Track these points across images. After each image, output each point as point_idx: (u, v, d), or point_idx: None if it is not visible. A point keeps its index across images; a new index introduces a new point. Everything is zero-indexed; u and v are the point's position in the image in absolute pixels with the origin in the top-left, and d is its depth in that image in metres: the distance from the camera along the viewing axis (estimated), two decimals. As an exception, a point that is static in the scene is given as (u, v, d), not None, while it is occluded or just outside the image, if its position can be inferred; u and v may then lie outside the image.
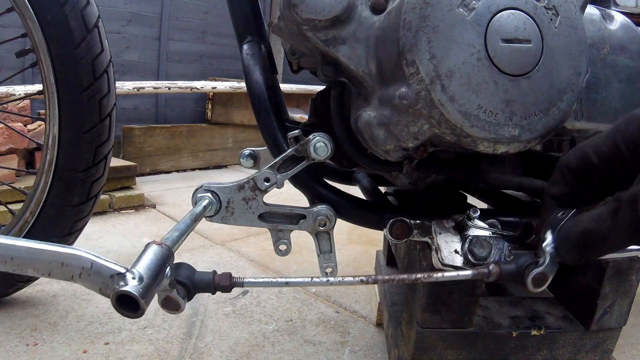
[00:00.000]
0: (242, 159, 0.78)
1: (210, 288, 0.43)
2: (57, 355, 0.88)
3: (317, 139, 0.56)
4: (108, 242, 1.53)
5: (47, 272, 0.39)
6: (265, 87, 0.64)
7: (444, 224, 0.57)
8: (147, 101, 3.45)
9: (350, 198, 0.64)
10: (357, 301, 1.18)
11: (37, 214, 0.93)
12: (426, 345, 0.67)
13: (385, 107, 0.50)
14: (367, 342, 0.99)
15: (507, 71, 0.46)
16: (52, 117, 0.88)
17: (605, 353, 0.70)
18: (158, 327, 0.99)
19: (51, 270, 0.39)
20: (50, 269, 0.39)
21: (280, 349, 0.94)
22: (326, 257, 0.64)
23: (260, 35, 0.71)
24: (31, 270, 0.40)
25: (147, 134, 2.76)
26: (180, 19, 3.56)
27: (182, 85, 2.66)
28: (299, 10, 0.50)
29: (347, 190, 0.68)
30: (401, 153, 0.54)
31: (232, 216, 0.60)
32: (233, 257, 1.44)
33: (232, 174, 2.98)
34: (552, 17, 0.47)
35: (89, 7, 0.86)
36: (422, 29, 0.45)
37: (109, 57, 0.91)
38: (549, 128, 0.48)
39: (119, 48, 3.21)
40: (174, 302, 0.41)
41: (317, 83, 2.85)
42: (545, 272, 0.45)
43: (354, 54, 0.52)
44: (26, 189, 1.12)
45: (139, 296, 0.35)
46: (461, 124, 0.46)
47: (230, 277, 0.43)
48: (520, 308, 0.73)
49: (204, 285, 0.43)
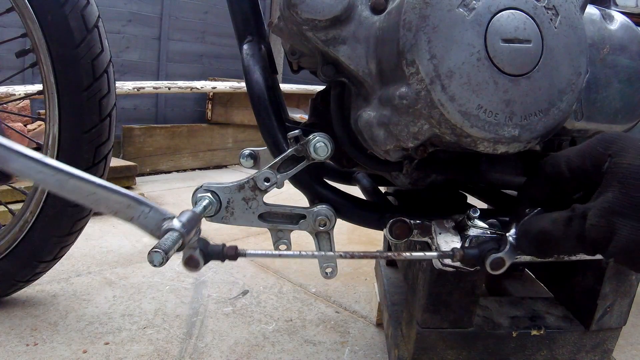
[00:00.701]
0: (242, 159, 0.78)
1: (220, 256, 0.51)
2: (57, 355, 0.88)
3: (317, 139, 0.56)
4: (108, 242, 1.53)
5: (114, 211, 0.49)
6: (265, 87, 0.64)
7: (444, 224, 0.57)
8: (147, 101, 3.45)
9: (350, 198, 0.64)
10: (357, 301, 1.18)
11: (37, 214, 0.93)
12: (426, 345, 0.67)
13: (385, 107, 0.50)
14: (367, 342, 0.99)
15: (507, 71, 0.46)
16: (52, 117, 0.88)
17: (605, 353, 0.71)
18: (158, 327, 0.99)
19: (118, 210, 0.49)
20: (118, 209, 0.48)
21: (280, 349, 0.94)
22: (326, 257, 0.64)
23: (260, 35, 0.71)
24: (103, 207, 0.49)
25: (147, 134, 2.76)
26: (180, 19, 3.56)
27: (182, 85, 2.66)
28: (299, 10, 0.50)
29: (347, 190, 0.68)
30: (401, 153, 0.54)
31: (232, 216, 0.60)
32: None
33: (232, 174, 2.99)
34: (552, 17, 0.47)
35: (89, 7, 0.86)
36: (422, 29, 0.45)
37: (109, 57, 0.91)
38: (549, 128, 0.48)
39: (119, 48, 3.21)
40: (195, 260, 0.50)
41: (317, 83, 2.85)
42: (503, 257, 0.49)
43: (354, 54, 0.52)
44: (26, 189, 1.12)
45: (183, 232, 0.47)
46: (461, 124, 0.46)
47: (235, 249, 0.51)
48: (520, 308, 0.73)
49: (216, 253, 0.51)
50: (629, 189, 0.39)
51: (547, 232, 0.45)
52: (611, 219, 0.39)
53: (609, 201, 0.40)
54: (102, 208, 0.49)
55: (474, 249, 0.52)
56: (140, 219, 0.49)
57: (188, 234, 0.47)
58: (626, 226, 0.38)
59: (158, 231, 0.48)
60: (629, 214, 0.38)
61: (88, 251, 1.43)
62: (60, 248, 0.98)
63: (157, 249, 0.43)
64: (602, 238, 0.40)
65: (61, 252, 0.99)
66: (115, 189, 0.49)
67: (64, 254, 1.01)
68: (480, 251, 0.51)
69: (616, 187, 0.40)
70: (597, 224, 0.40)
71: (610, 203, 0.39)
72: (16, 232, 0.95)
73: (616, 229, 0.38)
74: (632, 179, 0.39)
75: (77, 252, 1.39)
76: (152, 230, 0.49)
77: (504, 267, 0.50)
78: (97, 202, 0.49)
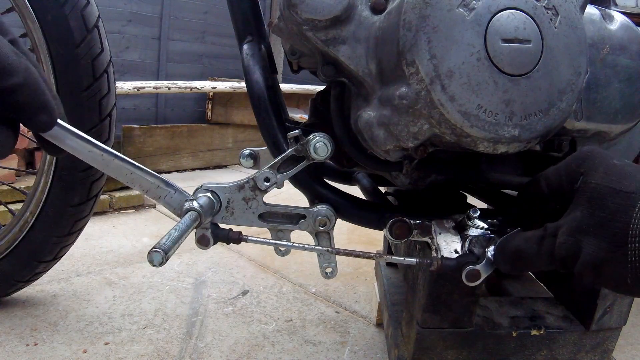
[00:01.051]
0: (242, 159, 0.78)
1: (225, 239, 0.57)
2: (57, 355, 0.88)
3: (317, 139, 0.56)
4: (108, 242, 1.53)
5: (146, 189, 0.57)
6: (265, 87, 0.64)
7: (444, 224, 0.57)
8: (147, 101, 3.45)
9: (350, 198, 0.64)
10: (357, 301, 1.18)
11: (37, 214, 0.93)
12: (426, 345, 0.67)
13: (385, 107, 0.50)
14: (367, 342, 0.99)
15: (507, 71, 0.46)
16: (52, 117, 0.88)
17: (605, 353, 0.70)
18: (158, 327, 1.00)
19: (149, 189, 0.57)
20: (149, 188, 0.57)
21: (280, 349, 0.94)
22: (326, 257, 0.64)
23: (260, 35, 0.71)
24: (137, 186, 0.57)
25: (147, 134, 2.76)
26: (180, 19, 3.56)
27: (182, 85, 2.66)
28: (299, 10, 0.50)
29: (347, 190, 0.68)
30: (401, 153, 0.54)
31: (232, 216, 0.60)
32: (233, 257, 1.44)
33: (232, 174, 2.99)
34: (552, 17, 0.47)
35: (89, 7, 0.86)
36: (422, 29, 0.45)
37: (109, 57, 0.91)
38: (549, 128, 0.48)
39: (119, 48, 3.21)
40: (206, 239, 0.57)
41: (317, 83, 2.85)
42: (479, 270, 0.51)
43: (354, 54, 0.52)
44: (26, 189, 1.12)
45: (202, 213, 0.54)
46: (461, 124, 0.46)
47: (240, 233, 0.58)
48: (520, 308, 0.73)
49: (223, 236, 0.57)
50: (594, 209, 0.40)
51: (521, 250, 0.47)
52: (578, 237, 0.40)
53: (576, 220, 0.41)
54: (136, 186, 0.57)
55: (452, 260, 0.53)
56: (166, 198, 0.57)
57: (205, 215, 0.54)
58: (590, 244, 0.39)
59: (180, 210, 0.56)
60: (593, 232, 0.40)
61: (88, 251, 1.43)
62: (60, 248, 0.98)
63: (156, 249, 0.43)
64: (570, 256, 0.41)
65: (61, 252, 0.99)
66: (149, 172, 0.57)
67: (64, 254, 1.01)
68: (458, 262, 0.52)
69: (584, 205, 0.41)
70: (565, 242, 0.41)
71: (577, 222, 0.41)
72: (16, 232, 0.95)
73: (582, 247, 0.40)
74: (597, 198, 0.40)
75: (77, 252, 1.39)
76: (175, 209, 0.57)
77: (479, 280, 0.51)
78: (133, 181, 0.57)
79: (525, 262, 0.47)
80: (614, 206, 0.39)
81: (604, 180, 0.41)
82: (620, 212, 0.38)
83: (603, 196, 0.40)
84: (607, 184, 0.41)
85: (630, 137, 0.65)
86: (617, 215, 0.39)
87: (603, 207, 0.40)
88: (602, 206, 0.40)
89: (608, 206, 0.39)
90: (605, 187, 0.40)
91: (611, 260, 0.38)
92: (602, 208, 0.40)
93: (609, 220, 0.39)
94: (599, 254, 0.39)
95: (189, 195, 0.57)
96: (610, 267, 0.38)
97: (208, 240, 0.58)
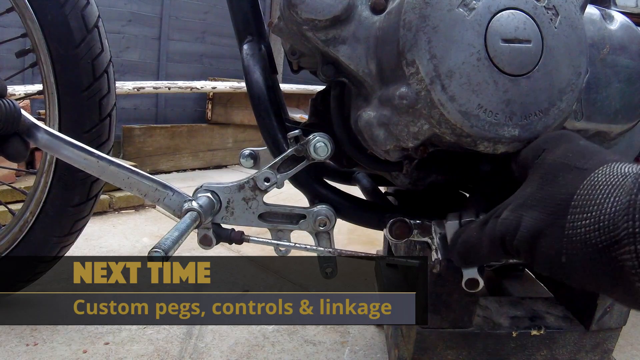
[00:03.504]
0: (242, 159, 0.78)
1: (228, 239, 0.58)
2: (57, 355, 0.88)
3: (317, 139, 0.56)
4: (108, 242, 1.53)
5: (144, 193, 0.57)
6: (265, 87, 0.64)
7: (444, 224, 0.57)
8: (147, 101, 3.45)
9: (350, 198, 0.64)
10: (357, 301, 1.18)
11: (37, 214, 0.92)
12: (426, 345, 0.67)
13: (385, 107, 0.50)
14: (367, 342, 0.99)
15: (507, 71, 0.46)
16: (52, 117, 0.88)
17: (605, 353, 0.70)
18: (158, 327, 0.99)
19: (147, 192, 0.57)
20: (147, 191, 0.57)
21: (280, 349, 0.94)
22: (326, 257, 0.64)
23: (260, 35, 0.71)
24: (135, 190, 0.57)
25: (147, 134, 2.76)
26: (180, 19, 3.55)
27: (182, 85, 2.66)
28: (299, 10, 0.50)
29: (347, 190, 0.68)
30: (401, 153, 0.54)
31: (232, 216, 0.60)
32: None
33: (232, 174, 2.98)
34: (552, 17, 0.47)
35: (89, 7, 0.86)
36: (422, 29, 0.45)
37: (109, 57, 0.91)
38: (549, 128, 0.48)
39: (119, 48, 3.21)
40: (208, 239, 0.58)
41: (317, 83, 2.85)
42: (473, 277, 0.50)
43: (354, 54, 0.52)
44: (26, 189, 1.12)
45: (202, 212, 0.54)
46: (461, 124, 0.46)
47: (242, 233, 0.58)
48: (520, 308, 0.73)
49: (225, 236, 0.58)
50: (544, 184, 0.38)
51: (466, 240, 0.45)
52: (520, 213, 0.38)
53: (524, 196, 0.39)
54: (134, 191, 0.57)
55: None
56: (165, 200, 0.57)
57: (205, 214, 0.54)
58: (530, 217, 0.36)
59: (179, 211, 0.55)
60: (534, 205, 0.37)
61: (88, 251, 1.43)
62: (60, 248, 0.98)
63: (157, 249, 0.44)
64: (509, 232, 0.38)
65: (61, 252, 0.99)
66: (146, 176, 0.58)
67: (64, 254, 1.01)
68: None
69: (536, 181, 0.39)
70: (507, 218, 0.39)
71: (524, 198, 0.39)
72: (16, 232, 0.95)
73: (521, 222, 0.37)
74: (550, 173, 0.38)
75: (77, 252, 1.39)
76: (174, 211, 0.57)
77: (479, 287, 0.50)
78: (131, 185, 0.57)
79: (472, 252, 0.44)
80: (564, 181, 0.36)
81: (561, 158, 0.38)
82: (568, 185, 0.35)
83: (556, 172, 0.38)
84: (563, 160, 0.38)
85: (630, 137, 0.65)
86: (563, 188, 0.35)
87: (553, 183, 0.37)
88: (552, 181, 0.37)
89: (558, 182, 0.37)
90: (561, 164, 0.38)
91: (547, 233, 0.34)
92: (552, 183, 0.37)
93: (554, 194, 0.36)
94: (536, 225, 0.35)
95: (187, 196, 0.57)
96: (545, 241, 0.35)
97: (211, 240, 0.58)
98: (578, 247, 0.32)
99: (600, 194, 0.32)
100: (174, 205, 0.57)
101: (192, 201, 0.55)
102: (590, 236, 0.31)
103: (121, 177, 0.57)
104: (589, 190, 0.33)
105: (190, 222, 0.51)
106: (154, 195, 0.57)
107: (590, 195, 0.33)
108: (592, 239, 0.31)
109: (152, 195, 0.57)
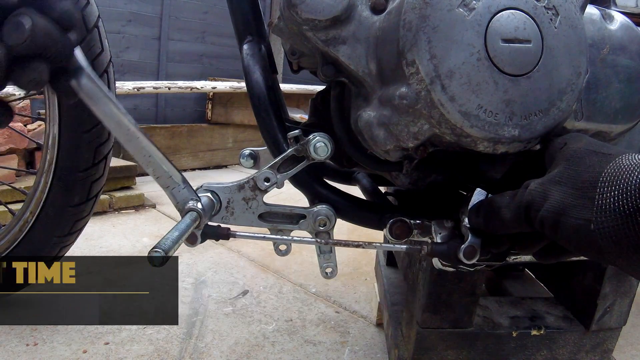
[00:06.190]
0: (242, 159, 0.78)
1: (214, 235, 0.57)
2: (57, 355, 0.88)
3: (317, 139, 0.56)
4: (108, 242, 1.53)
5: (158, 175, 0.57)
6: (265, 87, 0.64)
7: (444, 224, 0.57)
8: (147, 101, 3.45)
9: (350, 198, 0.64)
10: (357, 301, 1.18)
11: (37, 214, 0.92)
12: (426, 345, 0.67)
13: (385, 107, 0.50)
14: (367, 342, 0.99)
15: (507, 71, 0.46)
16: (52, 117, 0.88)
17: (605, 353, 0.71)
18: (158, 327, 0.99)
19: (161, 176, 0.57)
20: (161, 175, 0.57)
21: (280, 349, 0.94)
22: (326, 257, 0.64)
23: (260, 35, 0.71)
24: (151, 170, 0.57)
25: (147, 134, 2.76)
26: (180, 19, 3.56)
27: (182, 85, 2.66)
28: (299, 10, 0.50)
29: (347, 190, 0.68)
30: (401, 153, 0.53)
31: (232, 216, 0.60)
32: (233, 257, 1.44)
33: (232, 174, 2.99)
34: (552, 17, 0.47)
35: (89, 7, 0.86)
36: (422, 29, 0.45)
37: (109, 57, 0.91)
38: (549, 128, 0.48)
39: (119, 48, 3.21)
40: (194, 236, 0.56)
41: (317, 83, 2.85)
42: (472, 244, 0.51)
43: (354, 54, 0.52)
44: (26, 189, 1.12)
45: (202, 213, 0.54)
46: (461, 124, 0.46)
47: (228, 229, 0.57)
48: (520, 308, 0.73)
49: (211, 233, 0.57)
50: (571, 164, 0.42)
51: (493, 201, 0.48)
52: (548, 187, 0.42)
53: (552, 175, 0.43)
54: (150, 170, 0.57)
55: (442, 245, 0.54)
56: (174, 190, 0.57)
57: (205, 215, 0.54)
58: (558, 192, 0.41)
59: (182, 205, 0.55)
60: (564, 182, 0.41)
61: (88, 251, 1.43)
62: (60, 248, 0.98)
63: (157, 249, 0.44)
64: (535, 201, 0.42)
65: (61, 252, 0.99)
66: (168, 160, 0.58)
67: (64, 254, 1.01)
68: (449, 246, 0.53)
69: (562, 164, 0.43)
70: (535, 189, 0.43)
71: (552, 176, 0.42)
72: (16, 232, 0.95)
73: (549, 195, 0.41)
74: (576, 157, 0.42)
75: (77, 252, 1.39)
76: (178, 203, 0.56)
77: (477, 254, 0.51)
78: (149, 164, 0.57)
79: (496, 215, 0.47)
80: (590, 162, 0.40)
81: (586, 145, 0.43)
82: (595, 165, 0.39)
83: (582, 156, 0.42)
84: (587, 147, 0.42)
85: (630, 137, 0.65)
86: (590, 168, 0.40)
87: (580, 164, 0.41)
88: (579, 163, 0.41)
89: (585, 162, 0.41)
90: (586, 150, 0.42)
91: (577, 205, 0.38)
92: (578, 164, 0.41)
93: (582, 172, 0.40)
94: (565, 200, 0.39)
95: (195, 196, 0.57)
96: (575, 212, 0.38)
97: (195, 238, 0.57)
98: (607, 215, 0.36)
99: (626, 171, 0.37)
100: (180, 198, 0.57)
101: (198, 202, 0.55)
102: (619, 204, 0.35)
103: (142, 153, 0.57)
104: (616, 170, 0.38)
105: (190, 222, 0.51)
106: (165, 182, 0.57)
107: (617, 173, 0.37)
108: (620, 207, 0.35)
109: (164, 181, 0.57)
